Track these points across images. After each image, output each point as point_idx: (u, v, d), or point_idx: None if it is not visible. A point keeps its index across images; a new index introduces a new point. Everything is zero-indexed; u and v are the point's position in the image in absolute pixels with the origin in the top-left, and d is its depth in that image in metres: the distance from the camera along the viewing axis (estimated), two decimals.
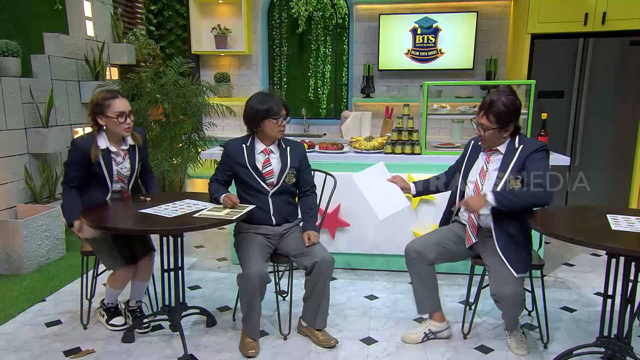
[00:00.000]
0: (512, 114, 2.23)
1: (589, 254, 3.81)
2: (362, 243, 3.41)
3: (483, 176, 2.35)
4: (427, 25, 4.97)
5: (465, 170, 2.46)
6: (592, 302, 2.98)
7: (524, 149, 2.27)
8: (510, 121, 2.25)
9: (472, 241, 2.40)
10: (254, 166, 2.47)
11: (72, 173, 2.42)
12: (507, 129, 2.27)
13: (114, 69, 4.94)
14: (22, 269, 3.35)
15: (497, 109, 2.21)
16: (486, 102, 2.26)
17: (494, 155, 2.36)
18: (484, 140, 2.32)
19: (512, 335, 2.45)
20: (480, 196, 2.21)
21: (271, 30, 5.50)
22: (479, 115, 2.30)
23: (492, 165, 2.35)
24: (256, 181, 2.47)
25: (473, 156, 2.46)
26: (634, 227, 2.04)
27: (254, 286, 2.26)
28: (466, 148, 2.54)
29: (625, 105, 4.28)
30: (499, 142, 2.33)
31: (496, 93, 2.26)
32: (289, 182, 2.52)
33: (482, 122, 2.27)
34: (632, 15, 4.09)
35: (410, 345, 2.48)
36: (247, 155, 2.47)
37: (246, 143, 2.51)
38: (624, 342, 2.14)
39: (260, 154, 2.50)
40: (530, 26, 4.31)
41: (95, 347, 2.44)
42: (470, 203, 2.23)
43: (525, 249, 2.31)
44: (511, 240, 2.26)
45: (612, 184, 4.40)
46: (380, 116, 5.11)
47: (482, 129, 2.28)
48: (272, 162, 2.49)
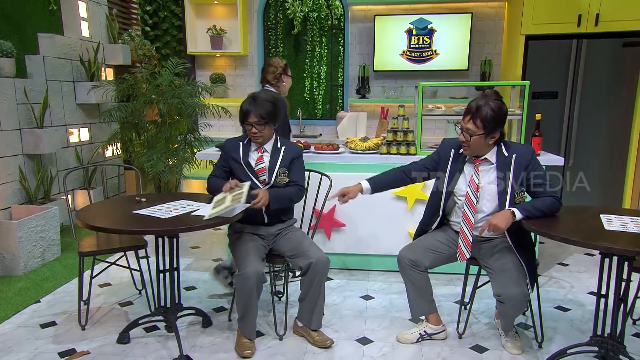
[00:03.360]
0: (499, 119, 2.17)
1: (583, 254, 3.84)
2: (357, 243, 3.42)
3: (476, 189, 2.26)
4: (422, 26, 4.99)
5: (448, 180, 2.35)
6: (586, 302, 3.00)
7: (517, 158, 2.22)
8: (496, 127, 2.18)
9: (465, 257, 2.32)
10: (247, 162, 2.52)
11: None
12: (493, 135, 2.20)
13: (109, 70, 4.93)
14: (16, 270, 3.34)
15: (485, 114, 2.13)
16: (472, 107, 2.18)
17: (483, 166, 2.29)
18: (469, 146, 2.24)
19: (508, 336, 2.45)
20: (506, 214, 2.13)
21: (267, 31, 5.50)
22: (464, 120, 2.21)
23: (485, 177, 2.28)
24: (248, 177, 2.49)
25: (456, 167, 2.34)
26: (627, 227, 2.05)
27: (251, 285, 2.26)
28: (444, 153, 2.39)
29: (618, 106, 4.32)
30: (484, 150, 2.25)
31: (482, 98, 2.19)
32: (281, 182, 2.52)
33: (469, 126, 2.18)
34: (625, 16, 4.13)
35: (405, 345, 2.49)
36: (242, 152, 2.53)
37: (243, 141, 2.58)
38: (617, 341, 2.16)
39: (254, 151, 2.55)
40: (525, 27, 4.34)
41: (91, 349, 2.43)
42: (498, 224, 2.11)
43: (532, 250, 2.31)
44: (523, 244, 2.26)
45: (605, 184, 4.43)
46: (375, 117, 5.13)
47: (468, 134, 2.20)
48: (265, 160, 2.53)
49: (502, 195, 2.24)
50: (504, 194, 2.23)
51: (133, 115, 4.41)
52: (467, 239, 2.30)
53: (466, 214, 2.29)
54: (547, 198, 2.18)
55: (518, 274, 2.20)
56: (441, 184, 2.39)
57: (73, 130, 4.46)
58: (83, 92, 4.44)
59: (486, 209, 2.29)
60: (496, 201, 2.26)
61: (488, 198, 2.27)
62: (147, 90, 4.36)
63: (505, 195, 2.23)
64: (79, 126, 4.54)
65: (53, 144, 3.91)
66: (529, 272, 2.22)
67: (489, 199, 2.27)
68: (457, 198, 2.36)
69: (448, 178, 2.36)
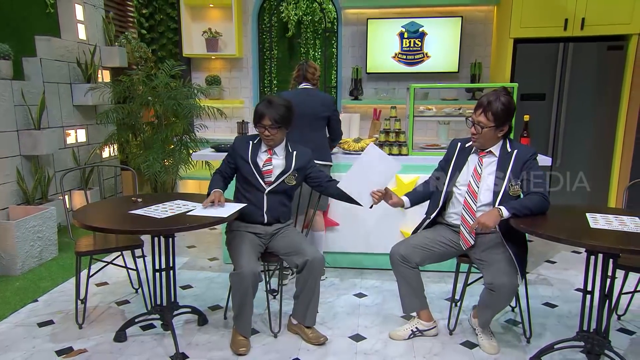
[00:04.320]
0: (509, 113, 2.30)
1: (570, 252, 3.91)
2: (351, 242, 3.47)
3: (477, 178, 2.37)
4: (414, 29, 5.06)
5: (452, 172, 2.47)
6: (573, 298, 3.06)
7: (518, 154, 2.33)
8: (506, 120, 2.31)
9: (470, 243, 2.39)
10: (255, 162, 2.54)
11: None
12: (503, 128, 2.33)
13: (106, 72, 4.95)
14: (14, 269, 3.36)
15: (496, 107, 2.27)
16: (484, 101, 2.31)
17: (487, 158, 2.40)
18: (479, 138, 2.36)
19: (483, 334, 2.48)
20: (494, 212, 2.21)
21: (261, 34, 5.55)
22: (476, 113, 2.34)
23: (487, 169, 2.38)
24: (254, 177, 2.53)
25: (461, 159, 2.47)
26: (612, 225, 2.10)
27: (246, 284, 2.29)
28: (451, 149, 2.56)
29: (603, 107, 4.41)
30: (492, 143, 2.37)
31: (494, 93, 2.32)
32: (289, 184, 2.56)
33: (480, 119, 2.31)
34: (609, 21, 4.22)
35: (397, 341, 2.54)
36: (251, 151, 2.56)
37: (254, 141, 2.61)
38: (602, 336, 2.21)
39: (264, 152, 2.58)
40: (513, 31, 4.41)
41: (88, 347, 2.46)
42: (486, 222, 2.20)
43: (523, 244, 2.38)
44: (514, 238, 2.32)
45: (591, 184, 4.50)
46: (368, 118, 5.19)
47: (480, 127, 2.32)
48: (274, 162, 2.56)
49: (496, 191, 2.33)
50: (498, 190, 2.32)
51: (129, 116, 4.44)
52: (470, 226, 2.37)
53: (467, 203, 2.38)
54: (535, 196, 2.24)
55: (509, 265, 2.27)
56: (441, 183, 2.50)
57: (70, 131, 4.49)
58: (80, 94, 4.46)
59: (483, 198, 2.37)
60: (492, 194, 2.35)
61: (486, 189, 2.36)
62: (144, 92, 4.39)
63: (499, 192, 2.32)
64: (76, 127, 4.57)
65: (50, 145, 3.93)
66: (519, 264, 2.29)
67: (487, 189, 2.36)
68: (458, 188, 2.45)
69: (451, 173, 2.46)
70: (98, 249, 2.63)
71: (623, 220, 2.18)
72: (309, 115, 3.07)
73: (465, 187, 2.40)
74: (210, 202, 2.41)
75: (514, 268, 2.27)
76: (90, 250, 2.61)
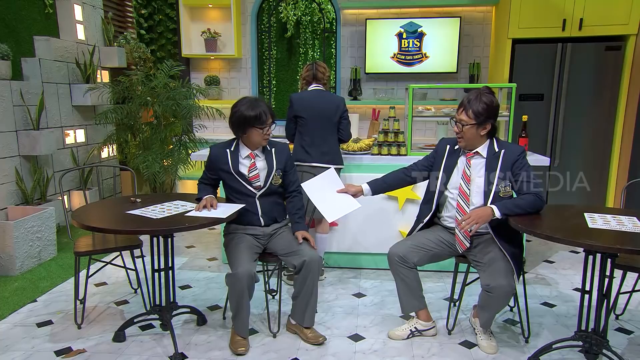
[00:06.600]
0: (490, 111, 2.30)
1: (568, 252, 3.92)
2: (349, 242, 3.47)
3: (468, 181, 2.37)
4: (412, 30, 5.08)
5: (443, 175, 2.46)
6: (571, 298, 3.07)
7: (506, 153, 2.33)
8: (488, 118, 2.31)
9: (465, 246, 2.40)
10: (238, 172, 2.48)
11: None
12: (485, 126, 2.32)
13: (105, 72, 4.95)
14: (13, 270, 3.36)
15: (476, 105, 2.28)
16: (465, 100, 2.33)
17: (475, 159, 2.40)
18: (462, 137, 2.36)
19: (484, 334, 2.48)
20: (486, 210, 2.22)
21: (260, 34, 5.56)
22: (458, 112, 2.36)
23: (475, 170, 2.38)
24: (242, 185, 2.49)
25: (450, 162, 2.46)
26: (610, 225, 2.11)
27: (242, 286, 2.29)
28: (440, 149, 2.52)
29: (601, 107, 4.42)
30: (477, 143, 2.37)
31: (475, 92, 2.34)
32: (276, 184, 2.55)
33: (461, 117, 2.32)
34: (607, 21, 4.24)
35: (396, 341, 2.54)
36: (231, 161, 2.48)
37: (230, 148, 2.52)
38: (600, 335, 2.21)
39: (245, 158, 2.51)
40: (511, 31, 4.43)
41: (87, 347, 2.46)
42: (477, 219, 2.21)
43: (519, 245, 2.38)
44: (509, 239, 2.32)
45: (589, 184, 4.52)
46: (367, 118, 5.20)
47: (461, 124, 2.33)
48: (258, 165, 2.51)
49: (487, 192, 2.33)
50: (488, 192, 2.33)
51: (128, 117, 4.45)
52: (467, 231, 2.35)
53: (460, 206, 2.38)
54: (528, 196, 2.25)
55: (506, 267, 2.27)
56: (434, 184, 2.49)
57: (69, 131, 4.49)
58: (79, 94, 4.46)
59: (475, 201, 2.37)
60: (482, 195, 2.35)
61: (477, 191, 2.36)
62: (143, 92, 4.40)
63: (490, 193, 2.32)
64: (75, 128, 4.57)
65: (49, 146, 3.93)
66: (515, 265, 2.29)
67: (477, 192, 2.36)
68: (450, 191, 2.44)
69: (442, 174, 2.46)
70: (97, 249, 2.63)
71: (621, 220, 2.19)
72: (324, 119, 3.08)
73: (456, 191, 2.41)
74: (203, 206, 2.39)
75: (511, 269, 2.27)
76: (89, 251, 2.61)
